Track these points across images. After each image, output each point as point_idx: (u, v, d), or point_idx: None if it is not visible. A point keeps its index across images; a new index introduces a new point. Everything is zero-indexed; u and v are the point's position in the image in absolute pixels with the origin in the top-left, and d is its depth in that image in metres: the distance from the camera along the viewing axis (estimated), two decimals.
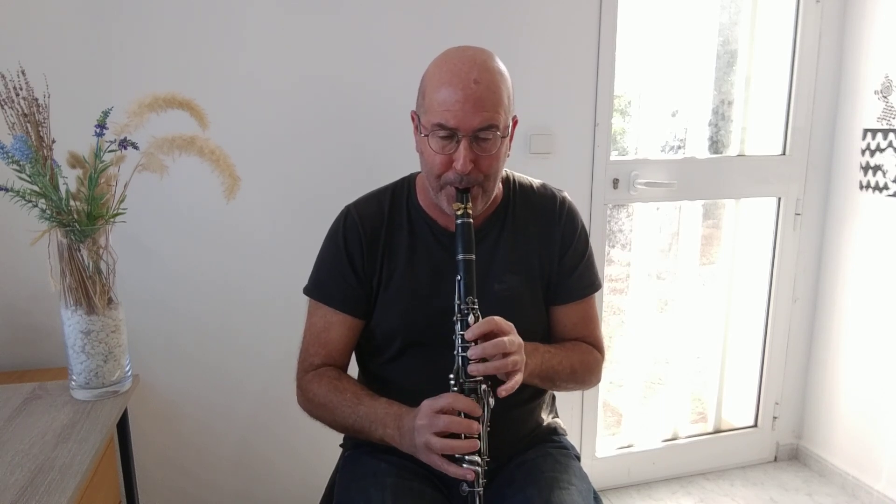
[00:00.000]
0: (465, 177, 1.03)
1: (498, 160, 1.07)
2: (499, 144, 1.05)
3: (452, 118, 1.00)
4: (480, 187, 1.07)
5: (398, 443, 1.05)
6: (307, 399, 1.17)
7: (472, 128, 1.01)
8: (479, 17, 1.87)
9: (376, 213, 1.19)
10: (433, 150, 1.05)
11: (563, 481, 1.12)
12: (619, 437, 2.44)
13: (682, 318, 2.44)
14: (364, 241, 1.16)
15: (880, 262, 2.16)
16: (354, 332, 1.20)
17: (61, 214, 1.16)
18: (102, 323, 1.21)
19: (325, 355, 1.19)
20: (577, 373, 1.18)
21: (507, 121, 1.06)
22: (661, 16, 2.17)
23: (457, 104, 1.00)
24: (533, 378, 1.09)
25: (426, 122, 1.05)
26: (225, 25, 1.70)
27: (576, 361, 1.18)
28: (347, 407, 1.10)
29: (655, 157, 2.20)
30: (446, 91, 1.01)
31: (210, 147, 1.20)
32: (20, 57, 1.22)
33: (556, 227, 1.20)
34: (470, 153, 1.02)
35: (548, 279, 1.20)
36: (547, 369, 1.12)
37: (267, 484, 1.96)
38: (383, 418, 1.07)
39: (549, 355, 1.13)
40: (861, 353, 2.25)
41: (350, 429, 1.12)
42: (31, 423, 1.15)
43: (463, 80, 1.00)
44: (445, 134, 1.02)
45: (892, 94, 2.08)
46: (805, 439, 2.51)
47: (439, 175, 1.06)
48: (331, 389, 1.13)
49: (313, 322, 1.20)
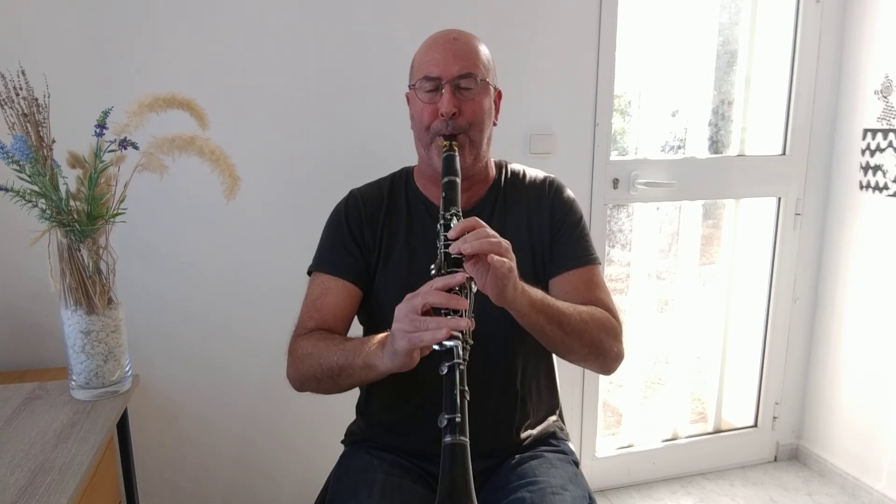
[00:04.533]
0: (450, 122, 1.11)
1: (481, 108, 1.14)
2: (480, 92, 1.14)
3: (435, 67, 1.12)
4: (466, 136, 1.14)
5: (380, 358, 0.97)
6: (295, 358, 1.12)
7: (452, 74, 1.11)
8: (479, 17, 1.87)
9: (377, 195, 1.25)
10: (421, 101, 1.15)
11: (557, 486, 1.10)
12: (619, 437, 2.44)
13: (682, 318, 2.44)
14: (365, 218, 1.21)
15: (880, 262, 2.16)
16: (351, 300, 1.18)
17: (61, 214, 1.16)
18: (102, 323, 1.21)
19: (318, 319, 1.16)
20: (588, 326, 1.09)
21: (486, 74, 1.15)
22: (661, 16, 2.17)
23: (438, 55, 1.13)
24: (536, 313, 1.02)
25: (414, 81, 1.17)
26: (225, 25, 1.70)
27: (585, 312, 1.10)
28: (334, 346, 1.06)
29: (655, 157, 2.20)
30: (430, 50, 1.16)
31: (210, 147, 1.20)
32: (20, 57, 1.22)
33: (544, 203, 1.23)
34: (453, 98, 1.11)
35: (542, 254, 1.20)
36: (551, 306, 1.04)
37: (268, 483, 1.96)
38: (367, 342, 1.02)
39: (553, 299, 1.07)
40: (861, 352, 2.25)
41: (335, 367, 1.05)
42: (31, 423, 1.15)
43: (443, 39, 1.16)
44: (430, 86, 1.13)
45: (892, 94, 2.08)
46: (805, 439, 2.51)
47: (428, 126, 1.14)
48: (319, 339, 1.10)
49: (311, 291, 1.20)
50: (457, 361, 0.84)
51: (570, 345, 1.08)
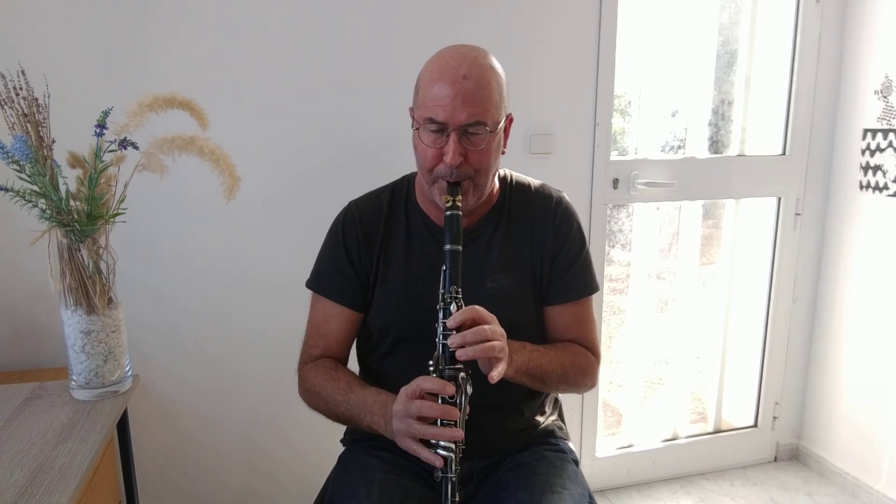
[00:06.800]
0: (454, 170, 1.05)
1: (488, 155, 1.08)
2: (488, 140, 1.06)
3: (441, 112, 1.03)
4: (471, 181, 1.08)
5: (384, 430, 1.05)
6: (305, 389, 1.19)
7: (460, 122, 1.03)
8: (479, 18, 1.87)
9: (375, 209, 1.22)
10: (425, 143, 1.08)
11: (557, 485, 1.10)
12: (619, 437, 2.44)
13: (682, 318, 2.44)
14: (361, 236, 1.19)
15: (880, 262, 2.16)
16: (352, 325, 1.22)
17: (61, 214, 1.16)
18: (102, 323, 1.21)
19: (323, 347, 1.21)
20: (568, 374, 1.16)
21: (497, 117, 1.07)
22: (661, 16, 2.17)
23: (446, 99, 1.03)
24: (521, 375, 1.08)
25: (419, 117, 1.08)
26: (225, 25, 1.70)
27: (566, 362, 1.16)
28: (340, 395, 1.12)
29: (655, 157, 2.20)
30: (437, 87, 1.04)
31: (210, 147, 1.20)
32: (20, 57, 1.22)
33: (549, 226, 1.20)
34: (459, 147, 1.04)
35: (540, 279, 1.20)
36: (535, 367, 1.10)
37: (268, 482, 1.96)
38: (371, 406, 1.08)
39: (538, 354, 1.12)
40: (861, 353, 2.25)
41: (342, 417, 1.14)
42: (31, 423, 1.15)
43: (452, 75, 1.03)
44: (436, 128, 1.05)
45: (892, 94, 2.08)
46: (805, 439, 2.51)
47: (431, 168, 1.09)
48: (326, 378, 1.15)
49: (314, 315, 1.24)
50: (449, 476, 0.95)
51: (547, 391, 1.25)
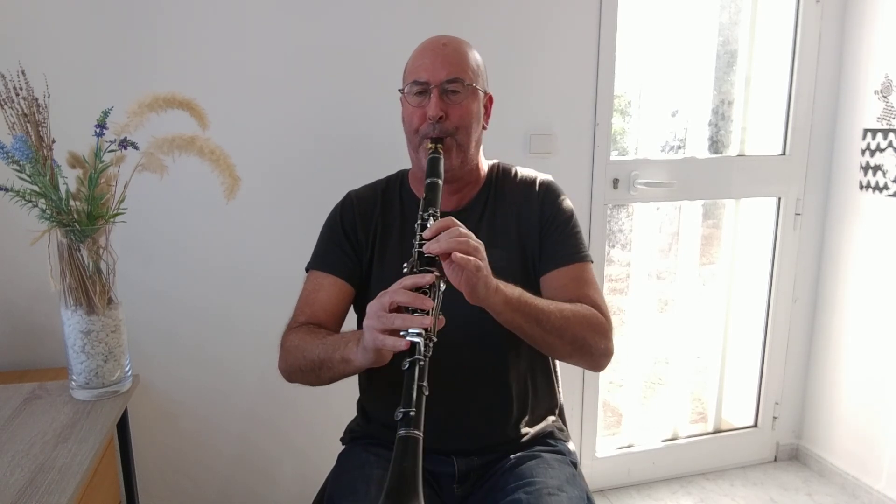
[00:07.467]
0: (437, 125, 1.14)
1: (469, 112, 1.16)
2: (468, 97, 1.16)
3: (423, 72, 1.15)
4: (453, 139, 1.16)
5: (354, 353, 1.01)
6: (284, 350, 1.16)
7: (440, 79, 1.14)
8: (479, 18, 1.87)
9: (371, 196, 1.28)
10: (411, 105, 1.17)
11: (554, 487, 1.09)
12: (619, 437, 2.44)
13: (682, 318, 2.44)
14: (358, 218, 1.24)
15: (880, 262, 2.16)
16: (342, 296, 1.21)
17: (61, 214, 1.16)
18: (102, 323, 1.21)
19: (309, 314, 1.19)
20: (571, 323, 1.08)
21: (474, 79, 1.17)
22: (661, 16, 2.17)
23: (427, 61, 1.16)
24: (513, 312, 1.03)
25: (405, 86, 1.19)
26: (225, 25, 1.70)
27: (567, 310, 1.09)
28: (317, 340, 1.10)
29: (655, 157, 2.20)
30: (420, 56, 1.18)
31: (210, 147, 1.21)
32: (20, 57, 1.22)
33: (534, 200, 1.23)
34: (440, 102, 1.14)
35: (531, 252, 1.21)
36: (529, 305, 1.05)
37: (268, 481, 1.96)
38: (347, 337, 1.05)
39: (533, 296, 1.07)
40: (861, 353, 2.25)
41: (316, 360, 1.08)
42: (31, 423, 1.15)
43: (433, 45, 1.18)
44: (419, 89, 1.16)
45: (892, 94, 2.08)
46: (805, 439, 2.51)
47: (417, 129, 1.16)
48: (306, 332, 1.14)
49: (305, 287, 1.24)
50: (417, 357, 0.86)
51: (551, 342, 1.08)
